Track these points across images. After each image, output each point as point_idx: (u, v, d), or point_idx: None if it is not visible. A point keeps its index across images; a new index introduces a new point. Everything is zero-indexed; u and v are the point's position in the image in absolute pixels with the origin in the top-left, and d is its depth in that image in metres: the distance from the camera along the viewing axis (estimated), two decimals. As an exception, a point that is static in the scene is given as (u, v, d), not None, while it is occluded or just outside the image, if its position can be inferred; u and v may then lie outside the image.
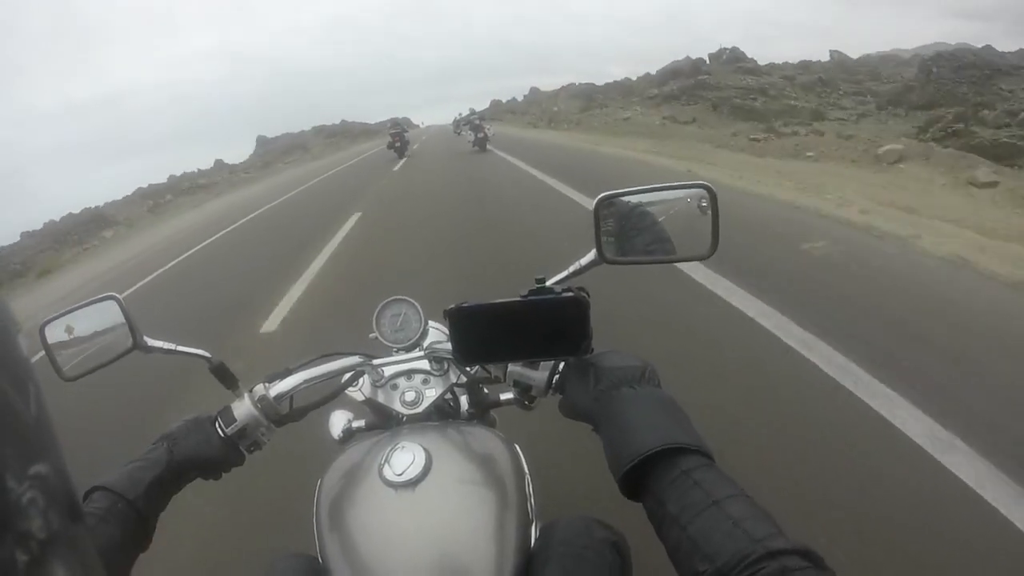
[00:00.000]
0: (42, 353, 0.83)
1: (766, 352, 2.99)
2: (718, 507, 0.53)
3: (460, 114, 18.44)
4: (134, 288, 7.71)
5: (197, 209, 19.89)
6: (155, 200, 26.96)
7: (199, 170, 40.95)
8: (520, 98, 61.40)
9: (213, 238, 10.91)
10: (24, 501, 0.17)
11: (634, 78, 45.36)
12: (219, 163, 44.91)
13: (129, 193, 32.03)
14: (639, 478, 0.61)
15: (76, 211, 26.39)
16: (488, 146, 16.28)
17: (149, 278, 8.38)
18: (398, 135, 18.62)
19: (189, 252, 9.90)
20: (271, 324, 4.71)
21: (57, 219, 26.73)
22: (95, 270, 11.41)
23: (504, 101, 61.42)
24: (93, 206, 27.40)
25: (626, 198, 0.82)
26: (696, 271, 4.01)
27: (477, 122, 17.05)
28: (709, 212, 0.79)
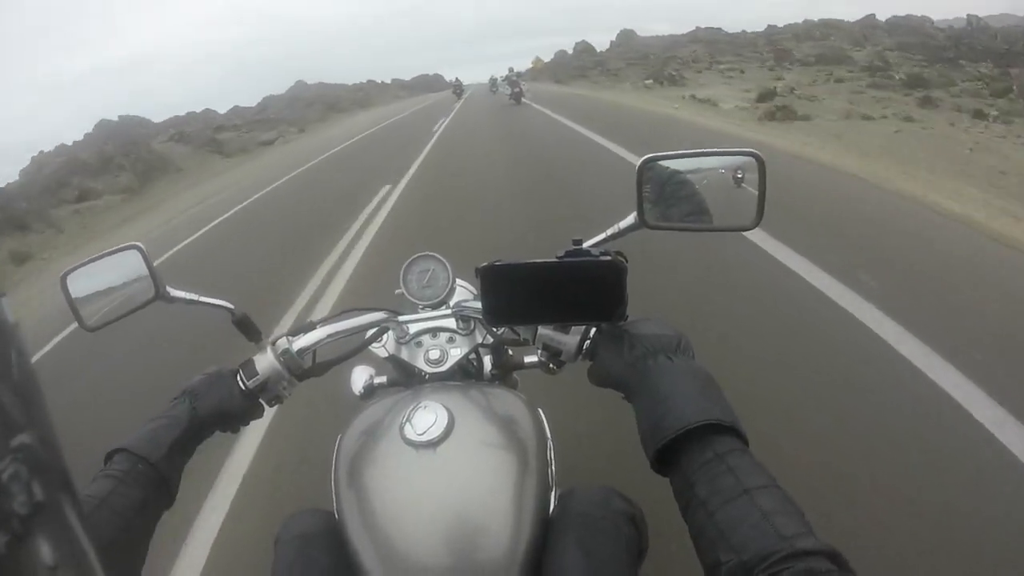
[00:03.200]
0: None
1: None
2: (749, 497, 0.51)
3: (496, 75, 23.81)
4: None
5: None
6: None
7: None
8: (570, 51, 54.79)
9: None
10: (6, 477, 0.16)
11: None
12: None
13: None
14: (670, 453, 0.59)
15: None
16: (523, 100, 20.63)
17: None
18: (458, 87, 33.01)
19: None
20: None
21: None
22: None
23: (570, 52, 53.52)
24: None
25: (669, 162, 0.78)
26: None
27: (515, 79, 22.00)
28: (756, 180, 0.74)
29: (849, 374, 2.55)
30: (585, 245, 0.77)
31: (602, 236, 0.84)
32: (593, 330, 0.78)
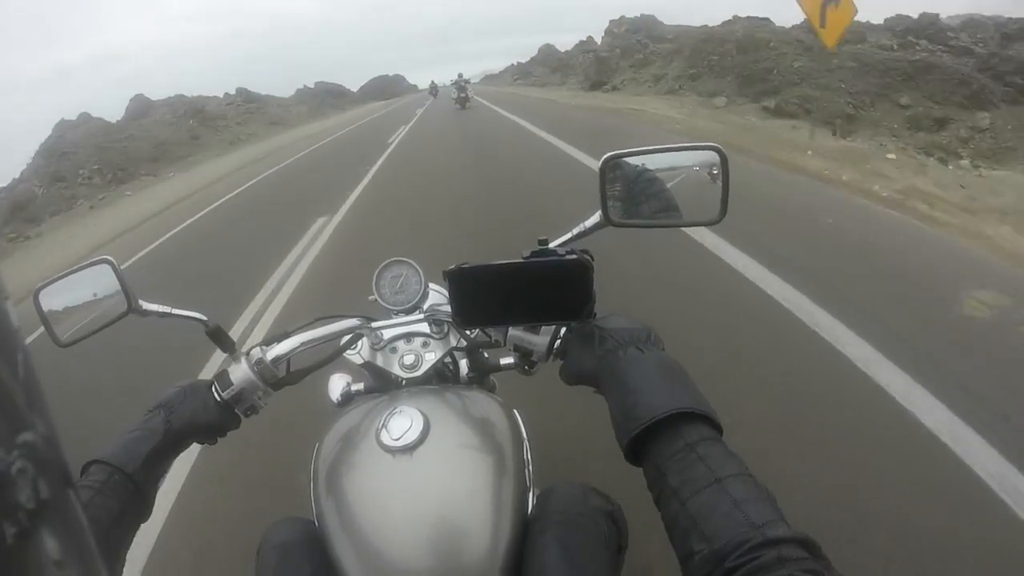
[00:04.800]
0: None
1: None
2: (720, 485, 0.51)
3: (460, 79, 25.12)
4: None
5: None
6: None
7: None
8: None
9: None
10: (13, 471, 0.17)
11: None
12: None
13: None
14: (643, 444, 0.59)
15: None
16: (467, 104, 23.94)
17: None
18: (434, 88, 37.97)
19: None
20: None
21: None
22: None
23: (563, 50, 45.39)
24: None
25: (633, 159, 0.79)
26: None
27: (463, 84, 24.55)
28: (719, 175, 0.76)
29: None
30: (551, 245, 0.78)
31: (568, 236, 0.85)
32: (563, 330, 0.78)
